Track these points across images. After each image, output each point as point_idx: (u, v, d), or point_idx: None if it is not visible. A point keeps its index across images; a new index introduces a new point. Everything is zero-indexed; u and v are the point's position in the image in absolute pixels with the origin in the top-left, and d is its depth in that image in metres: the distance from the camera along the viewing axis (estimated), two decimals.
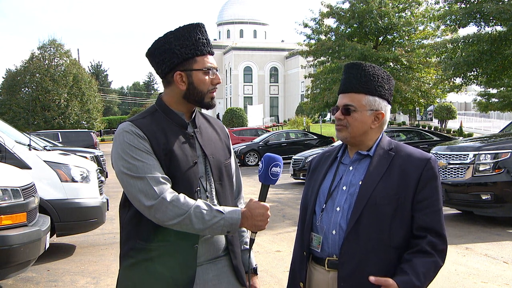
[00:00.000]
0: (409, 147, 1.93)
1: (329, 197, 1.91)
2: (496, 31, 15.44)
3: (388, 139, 1.96)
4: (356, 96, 1.88)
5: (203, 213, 1.75)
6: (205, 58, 1.88)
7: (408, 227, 1.80)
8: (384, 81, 1.91)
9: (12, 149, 5.92)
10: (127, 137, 1.81)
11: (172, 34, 1.86)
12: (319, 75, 24.35)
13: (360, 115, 1.87)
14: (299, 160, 14.24)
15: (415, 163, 1.84)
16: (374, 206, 1.78)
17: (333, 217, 1.87)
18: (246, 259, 2.05)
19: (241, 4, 74.90)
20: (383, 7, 21.90)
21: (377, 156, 1.89)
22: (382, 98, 1.90)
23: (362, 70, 1.90)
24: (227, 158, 2.04)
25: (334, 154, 2.03)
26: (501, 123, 30.13)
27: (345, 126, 1.90)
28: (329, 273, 1.86)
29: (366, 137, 1.91)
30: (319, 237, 1.90)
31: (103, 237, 7.46)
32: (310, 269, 1.95)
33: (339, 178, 1.93)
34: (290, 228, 7.83)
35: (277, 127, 44.92)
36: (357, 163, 1.93)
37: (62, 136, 18.36)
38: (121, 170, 1.80)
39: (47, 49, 36.75)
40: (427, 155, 1.88)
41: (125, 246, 1.89)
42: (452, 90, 20.53)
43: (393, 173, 1.83)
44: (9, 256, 4.35)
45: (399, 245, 1.79)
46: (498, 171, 7.28)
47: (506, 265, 5.54)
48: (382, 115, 1.91)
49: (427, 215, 1.80)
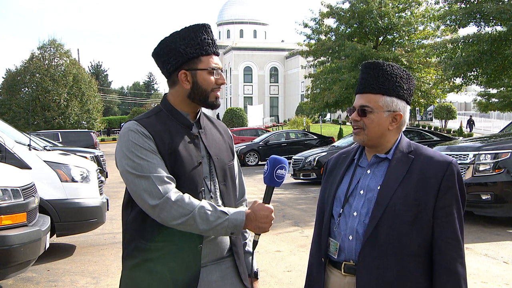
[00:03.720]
0: (429, 150, 1.86)
1: (346, 201, 1.86)
2: (496, 31, 15.44)
3: (408, 141, 1.89)
4: (373, 97, 1.82)
5: (208, 213, 1.74)
6: (210, 58, 1.88)
7: (427, 234, 1.75)
8: (403, 80, 1.85)
9: (12, 149, 5.91)
10: (132, 136, 1.80)
11: (178, 34, 1.87)
12: (319, 75, 24.35)
13: (376, 116, 1.82)
14: (299, 160, 14.23)
15: (435, 167, 1.77)
16: (393, 213, 1.73)
17: (349, 222, 1.83)
18: (248, 262, 2.04)
19: (241, 4, 74.93)
20: (383, 7, 21.89)
21: (395, 160, 1.82)
22: (400, 99, 1.84)
23: (380, 70, 1.84)
24: (231, 159, 2.04)
25: (351, 156, 1.97)
26: (501, 123, 30.14)
27: (361, 128, 1.84)
28: (345, 278, 1.83)
29: (384, 139, 1.85)
30: (336, 243, 1.86)
31: (103, 237, 7.46)
32: (327, 272, 1.92)
33: (356, 182, 1.88)
34: (290, 228, 7.83)
35: (277, 127, 44.93)
36: (375, 166, 1.87)
37: (62, 136, 18.35)
38: (126, 169, 1.79)
39: (47, 49, 36.67)
40: (448, 159, 1.80)
41: (128, 246, 1.87)
42: (452, 90, 20.54)
43: (413, 178, 1.77)
44: (9, 256, 4.35)
45: (418, 253, 1.75)
46: (498, 171, 7.27)
47: (506, 265, 5.54)
48: (400, 116, 1.84)
49: (448, 223, 1.75)
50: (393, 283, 1.73)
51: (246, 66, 65.88)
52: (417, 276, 1.75)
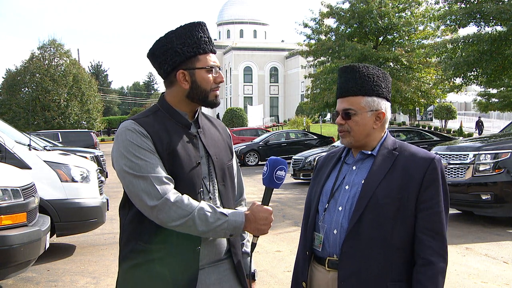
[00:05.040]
0: (413, 147, 1.91)
1: (331, 196, 1.91)
2: (496, 31, 15.44)
3: (393, 139, 1.94)
4: (354, 99, 1.87)
5: (207, 215, 1.71)
6: (208, 57, 1.85)
7: (409, 227, 1.79)
8: (380, 79, 1.90)
9: (12, 149, 5.91)
10: (130, 135, 1.76)
11: (174, 33, 1.83)
12: (319, 75, 24.36)
13: (360, 117, 1.86)
14: (299, 160, 14.24)
15: (418, 163, 1.82)
16: (376, 205, 1.77)
17: (335, 216, 1.87)
18: (246, 263, 2.03)
19: (241, 4, 74.91)
20: (383, 7, 21.91)
21: (380, 156, 1.88)
22: (380, 97, 1.89)
23: (357, 72, 1.88)
24: (230, 159, 2.01)
25: (339, 154, 2.03)
26: (501, 123, 30.13)
27: (347, 131, 1.89)
28: (329, 273, 1.86)
29: (369, 138, 1.90)
30: (320, 236, 1.89)
31: (103, 237, 7.46)
32: (312, 268, 1.94)
33: (342, 178, 1.92)
34: (290, 228, 7.83)
35: (277, 127, 44.93)
36: (360, 162, 1.92)
37: (62, 136, 18.36)
38: (123, 169, 1.75)
39: (47, 49, 36.67)
40: (431, 155, 1.85)
41: (125, 248, 1.84)
42: (452, 90, 20.56)
43: (396, 173, 1.82)
44: (9, 256, 4.35)
45: (400, 246, 1.78)
46: (498, 171, 7.27)
47: (506, 265, 5.54)
48: (383, 114, 1.90)
49: (430, 216, 1.78)
50: (375, 275, 1.76)
51: (246, 66, 65.86)
52: (399, 269, 1.78)
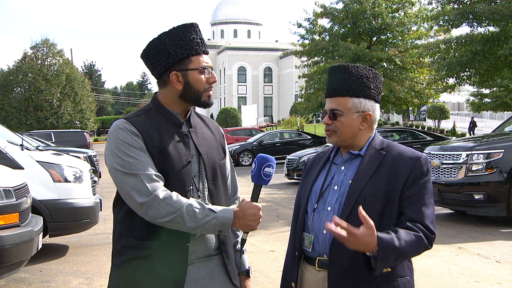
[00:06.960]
0: (401, 146, 1.93)
1: (320, 197, 1.92)
2: (489, 32, 15.54)
3: (381, 138, 1.96)
4: (342, 100, 1.88)
5: (196, 211, 1.75)
6: (200, 58, 1.89)
7: (396, 224, 1.80)
8: (370, 80, 1.90)
9: (5, 149, 5.88)
10: (121, 133, 1.81)
11: (167, 35, 1.87)
12: (313, 75, 24.39)
13: (347, 118, 1.88)
14: (293, 160, 14.25)
15: (405, 161, 1.84)
16: (364, 204, 1.77)
17: (324, 216, 1.88)
18: (238, 260, 2.05)
19: (235, 4, 74.91)
20: (376, 8, 21.97)
21: (368, 156, 1.89)
22: (368, 98, 1.90)
23: (346, 72, 1.89)
24: (222, 158, 2.04)
25: (327, 155, 2.04)
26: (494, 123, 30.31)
27: (334, 131, 1.91)
28: (320, 273, 1.87)
29: (356, 138, 1.91)
30: (310, 237, 1.90)
31: (96, 237, 7.43)
32: (302, 268, 1.95)
33: (331, 178, 1.94)
34: (284, 228, 7.83)
35: (271, 127, 44.97)
36: (348, 162, 1.93)
37: (55, 136, 18.27)
38: (114, 167, 1.80)
39: (39, 48, 36.47)
40: (418, 154, 1.87)
41: (117, 243, 1.89)
42: (445, 90, 20.66)
43: (383, 172, 1.83)
44: (1, 257, 4.32)
45: None
46: (490, 171, 7.31)
47: (498, 264, 5.57)
48: (370, 116, 1.90)
49: (414, 211, 1.78)
50: (365, 272, 1.76)
51: (240, 66, 65.87)
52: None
